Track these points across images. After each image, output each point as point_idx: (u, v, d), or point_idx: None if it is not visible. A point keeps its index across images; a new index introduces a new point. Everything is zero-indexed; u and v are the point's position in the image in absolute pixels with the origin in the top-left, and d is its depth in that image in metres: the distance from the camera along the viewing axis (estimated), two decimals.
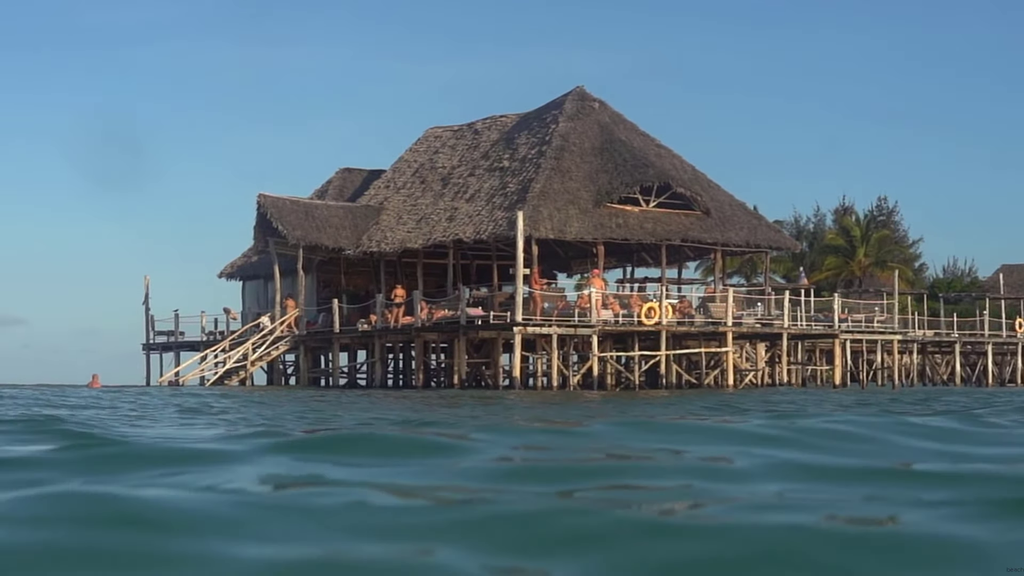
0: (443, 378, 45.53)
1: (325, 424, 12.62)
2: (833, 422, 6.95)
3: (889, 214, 76.16)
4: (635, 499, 4.12)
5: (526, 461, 5.50)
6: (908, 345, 52.37)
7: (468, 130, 50.25)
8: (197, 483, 4.33)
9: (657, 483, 4.38)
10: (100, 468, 4.92)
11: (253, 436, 6.64)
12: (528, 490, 4.15)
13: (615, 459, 5.53)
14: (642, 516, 3.65)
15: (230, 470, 4.80)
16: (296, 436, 6.63)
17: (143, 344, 52.43)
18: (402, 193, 48.23)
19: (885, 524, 3.53)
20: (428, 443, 5.83)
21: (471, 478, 4.51)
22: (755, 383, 42.53)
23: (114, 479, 4.54)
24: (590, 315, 38.22)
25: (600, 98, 47.12)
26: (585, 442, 6.30)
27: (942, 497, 3.92)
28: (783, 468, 4.74)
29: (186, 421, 13.74)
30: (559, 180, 42.52)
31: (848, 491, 4.16)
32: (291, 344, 45.28)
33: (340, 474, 4.61)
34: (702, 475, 4.58)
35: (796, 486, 4.32)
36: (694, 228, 43.18)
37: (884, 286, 54.74)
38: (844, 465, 4.99)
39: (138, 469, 4.84)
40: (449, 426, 9.07)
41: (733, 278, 61.88)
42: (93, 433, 7.46)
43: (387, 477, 4.56)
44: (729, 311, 40.14)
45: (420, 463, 5.06)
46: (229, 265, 53.18)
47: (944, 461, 5.22)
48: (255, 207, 46.29)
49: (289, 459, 5.20)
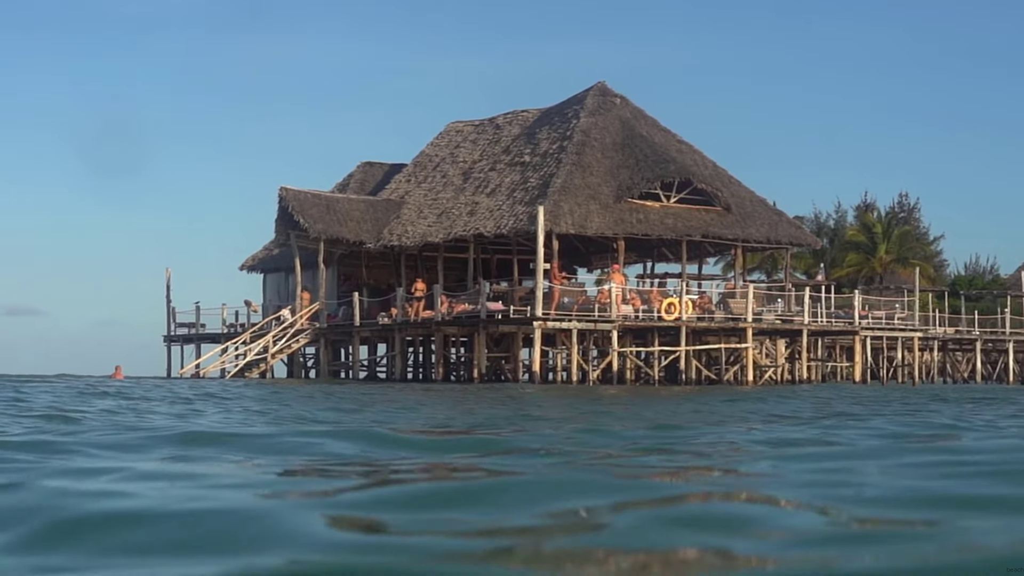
0: (463, 372, 45.64)
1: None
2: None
3: (910, 211, 75.93)
4: None
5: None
6: (928, 342, 52.27)
7: (489, 125, 50.32)
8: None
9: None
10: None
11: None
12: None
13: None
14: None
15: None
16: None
17: (164, 336, 52.68)
18: (423, 187, 48.34)
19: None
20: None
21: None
22: (775, 379, 42.50)
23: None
24: (610, 310, 38.27)
25: (621, 93, 47.15)
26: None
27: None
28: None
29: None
30: (580, 175, 42.55)
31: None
32: (311, 337, 45.43)
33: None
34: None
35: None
36: (715, 224, 43.16)
37: (905, 283, 54.59)
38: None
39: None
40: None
41: (753, 274, 61.84)
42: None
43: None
44: (749, 307, 40.13)
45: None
46: (250, 258, 53.38)
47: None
48: (277, 200, 46.47)
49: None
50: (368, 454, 7.39)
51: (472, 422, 12.76)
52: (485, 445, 8.21)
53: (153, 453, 7.33)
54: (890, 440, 8.77)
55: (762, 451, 7.80)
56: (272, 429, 10.84)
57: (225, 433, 9.52)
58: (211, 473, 6.02)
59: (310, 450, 7.65)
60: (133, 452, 7.41)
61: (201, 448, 7.77)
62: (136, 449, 7.59)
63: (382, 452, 7.49)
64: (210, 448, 7.76)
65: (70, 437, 8.55)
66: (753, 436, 9.71)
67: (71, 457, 6.88)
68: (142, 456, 7.15)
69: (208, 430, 10.12)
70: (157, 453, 7.31)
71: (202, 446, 7.93)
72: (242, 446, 7.92)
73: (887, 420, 12.88)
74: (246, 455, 7.33)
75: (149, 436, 8.63)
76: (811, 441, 8.80)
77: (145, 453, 7.35)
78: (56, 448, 7.44)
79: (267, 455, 7.30)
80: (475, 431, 10.53)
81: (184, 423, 11.71)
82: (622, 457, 7.23)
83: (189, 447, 7.79)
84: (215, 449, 7.69)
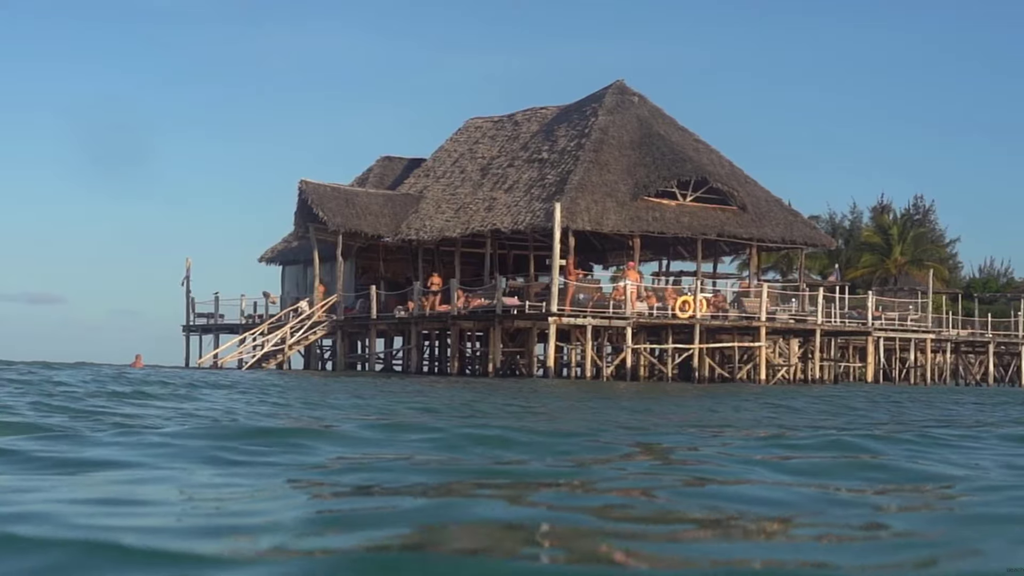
0: (478, 366, 46.00)
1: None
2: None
3: (925, 213, 76.02)
4: None
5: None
6: (941, 344, 52.46)
7: (508, 121, 50.68)
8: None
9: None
10: None
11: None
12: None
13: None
14: None
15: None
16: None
17: (183, 326, 53.15)
18: (441, 182, 48.72)
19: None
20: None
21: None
22: (787, 378, 42.78)
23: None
24: (625, 307, 38.60)
25: (640, 92, 47.47)
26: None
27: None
28: None
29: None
30: (597, 173, 42.88)
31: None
32: (328, 329, 45.83)
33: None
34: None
35: None
36: (730, 223, 43.44)
37: (919, 285, 54.81)
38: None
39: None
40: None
41: (768, 274, 62.09)
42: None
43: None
44: (763, 306, 40.41)
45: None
46: (269, 250, 53.82)
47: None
48: (296, 193, 46.86)
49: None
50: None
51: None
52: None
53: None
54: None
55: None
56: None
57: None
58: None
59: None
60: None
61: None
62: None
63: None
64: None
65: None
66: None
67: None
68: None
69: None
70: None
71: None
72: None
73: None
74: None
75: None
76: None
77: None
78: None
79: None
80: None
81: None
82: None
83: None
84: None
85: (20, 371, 23.65)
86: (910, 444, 8.28)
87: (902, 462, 6.85)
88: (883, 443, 8.22)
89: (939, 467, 6.64)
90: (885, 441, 8.45)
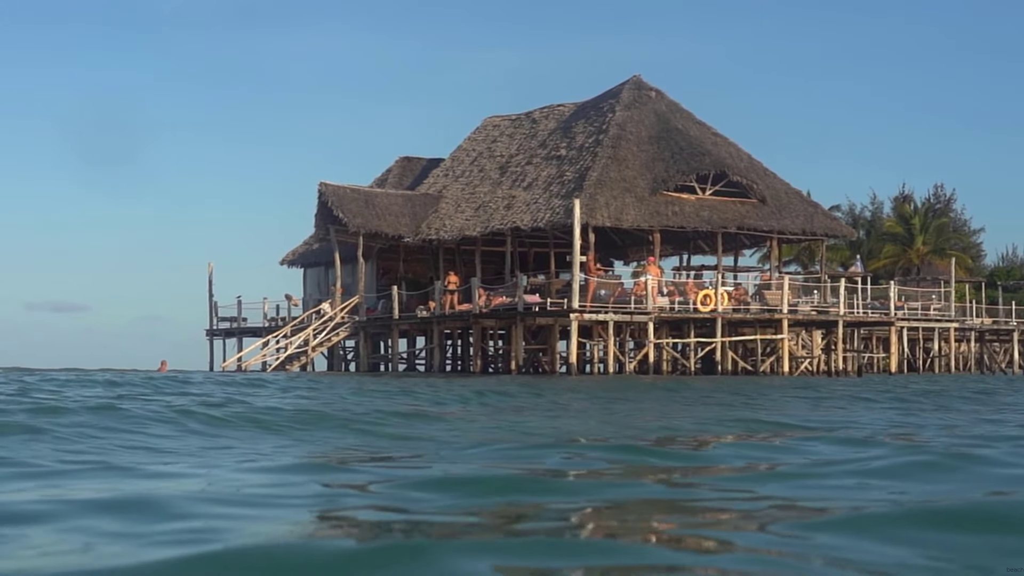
0: (500, 364, 46.06)
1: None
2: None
3: (947, 202, 75.71)
4: None
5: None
6: (965, 333, 52.26)
7: (526, 119, 50.72)
8: None
9: None
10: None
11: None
12: None
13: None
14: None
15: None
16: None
17: (207, 330, 53.34)
18: (461, 181, 48.79)
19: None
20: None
21: None
22: (810, 370, 42.69)
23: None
24: (646, 302, 38.60)
25: (657, 87, 47.46)
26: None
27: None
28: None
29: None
30: (616, 168, 42.88)
31: None
32: (351, 330, 45.94)
33: None
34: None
35: None
36: (750, 216, 43.38)
37: (942, 274, 54.60)
38: None
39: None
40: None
41: (790, 266, 61.93)
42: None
43: None
44: (785, 298, 40.34)
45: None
46: (291, 252, 53.98)
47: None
48: (316, 195, 46.98)
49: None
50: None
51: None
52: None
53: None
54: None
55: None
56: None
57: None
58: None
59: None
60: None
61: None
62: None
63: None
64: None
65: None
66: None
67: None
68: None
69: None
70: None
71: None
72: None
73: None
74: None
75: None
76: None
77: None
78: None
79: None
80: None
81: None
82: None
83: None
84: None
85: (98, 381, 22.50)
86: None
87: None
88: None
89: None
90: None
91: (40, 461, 6.98)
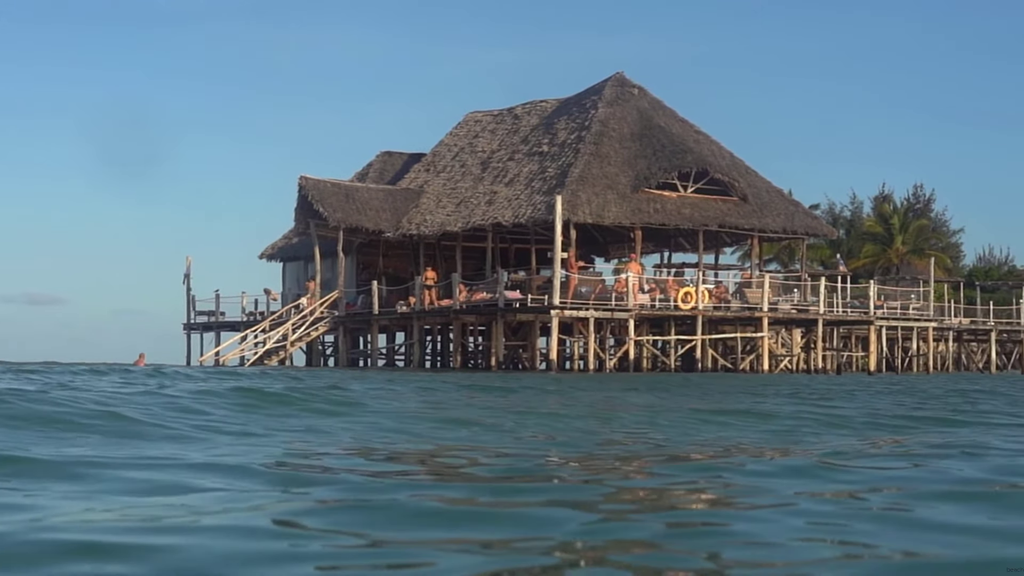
0: (480, 360, 45.98)
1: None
2: None
3: (927, 202, 75.97)
4: None
5: None
6: (944, 333, 52.43)
7: (508, 115, 50.62)
8: None
9: None
10: None
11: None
12: None
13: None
14: None
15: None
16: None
17: (184, 324, 53.08)
18: (442, 177, 48.66)
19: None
20: None
21: None
22: (790, 368, 42.75)
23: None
24: (627, 299, 38.56)
25: (639, 84, 47.40)
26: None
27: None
28: None
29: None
30: (598, 165, 42.82)
31: None
32: (330, 325, 45.78)
33: None
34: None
35: None
36: (731, 214, 43.40)
37: (921, 274, 54.79)
38: None
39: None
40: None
41: (770, 264, 62.03)
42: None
43: None
44: (765, 297, 40.39)
45: None
46: (270, 247, 53.77)
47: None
48: (296, 189, 46.80)
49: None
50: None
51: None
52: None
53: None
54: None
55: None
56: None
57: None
58: None
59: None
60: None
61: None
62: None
63: None
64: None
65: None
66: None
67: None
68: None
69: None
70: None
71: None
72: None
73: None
74: None
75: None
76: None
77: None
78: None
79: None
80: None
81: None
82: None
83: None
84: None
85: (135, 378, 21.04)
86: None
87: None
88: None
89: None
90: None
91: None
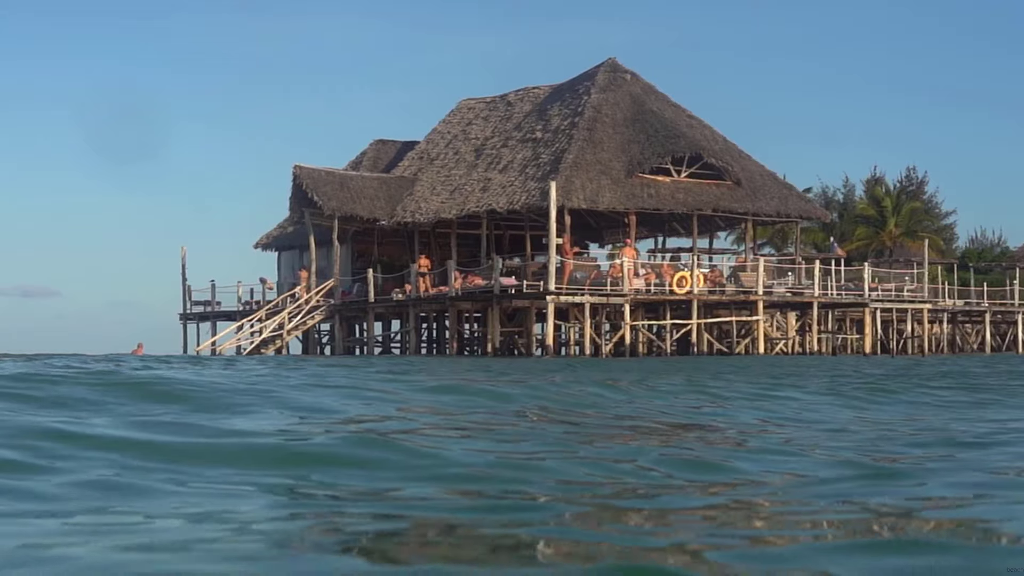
0: (476, 347, 46.08)
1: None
2: None
3: (919, 185, 76.02)
4: None
5: None
6: (938, 315, 52.55)
7: (501, 102, 50.64)
8: None
9: None
10: None
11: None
12: None
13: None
14: None
15: None
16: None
17: (180, 314, 53.11)
18: (436, 164, 48.70)
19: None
20: None
21: None
22: (785, 351, 42.89)
23: None
24: (622, 284, 38.66)
25: (632, 70, 47.43)
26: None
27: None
28: None
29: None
30: (591, 151, 42.89)
31: None
32: (326, 314, 45.86)
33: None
34: None
35: None
36: (725, 198, 43.49)
37: (915, 256, 54.88)
38: None
39: None
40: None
41: (764, 248, 62.13)
42: None
43: None
44: (760, 280, 40.51)
45: None
46: (265, 236, 53.79)
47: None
48: (291, 178, 46.82)
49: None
50: None
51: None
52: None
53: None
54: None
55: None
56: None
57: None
58: None
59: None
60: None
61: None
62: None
63: None
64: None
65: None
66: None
67: None
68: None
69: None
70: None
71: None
72: None
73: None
74: None
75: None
76: None
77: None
78: None
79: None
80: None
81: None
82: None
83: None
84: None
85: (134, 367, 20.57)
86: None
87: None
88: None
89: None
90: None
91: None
